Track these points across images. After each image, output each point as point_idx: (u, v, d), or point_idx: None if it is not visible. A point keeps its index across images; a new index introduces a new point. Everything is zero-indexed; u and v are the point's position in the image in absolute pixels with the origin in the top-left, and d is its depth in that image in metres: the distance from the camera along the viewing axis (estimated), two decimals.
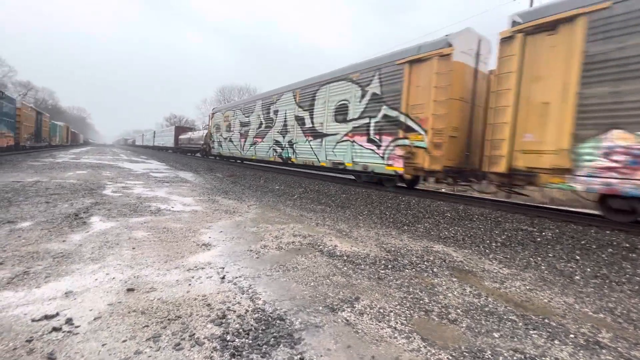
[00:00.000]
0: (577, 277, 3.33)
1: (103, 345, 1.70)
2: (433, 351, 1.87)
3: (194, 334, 1.85)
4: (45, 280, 2.44)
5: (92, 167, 12.59)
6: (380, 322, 2.16)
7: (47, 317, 1.93)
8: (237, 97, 54.59)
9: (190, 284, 2.53)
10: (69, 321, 1.90)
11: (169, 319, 1.98)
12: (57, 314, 1.97)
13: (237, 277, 2.73)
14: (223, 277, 2.71)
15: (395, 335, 2.02)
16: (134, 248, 3.30)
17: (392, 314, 2.28)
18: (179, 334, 1.83)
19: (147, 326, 1.89)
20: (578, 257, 3.85)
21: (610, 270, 3.47)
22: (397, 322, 2.17)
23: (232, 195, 7.43)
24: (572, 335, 2.15)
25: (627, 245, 4.02)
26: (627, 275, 3.34)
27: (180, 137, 32.92)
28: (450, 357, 1.82)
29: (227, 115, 17.50)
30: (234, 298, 2.34)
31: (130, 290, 2.35)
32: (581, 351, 1.97)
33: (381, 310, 2.31)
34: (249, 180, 10.89)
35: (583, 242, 4.22)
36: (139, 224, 4.30)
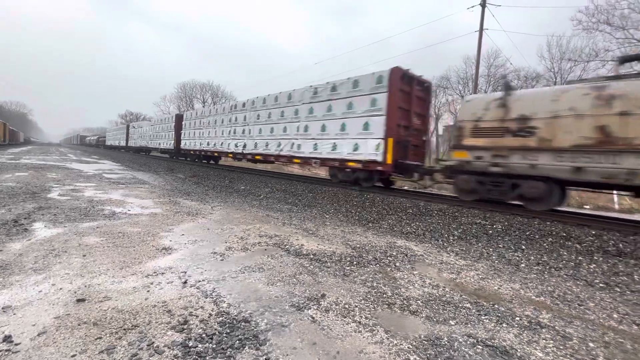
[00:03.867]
0: (523, 265, 3.65)
1: None
2: (395, 342, 1.95)
3: (153, 342, 1.76)
4: None
5: (35, 168, 11.43)
6: (345, 317, 2.21)
7: None
8: (200, 95, 51.77)
9: (149, 291, 2.41)
10: (7, 339, 1.72)
11: (125, 329, 1.87)
12: None
13: (200, 281, 2.64)
14: (185, 282, 2.61)
15: (360, 329, 2.08)
16: (84, 255, 3.06)
17: (357, 309, 2.35)
18: (136, 344, 1.74)
19: (100, 338, 1.77)
20: (524, 247, 4.22)
21: (550, 258, 3.85)
22: (361, 317, 2.23)
23: (194, 197, 7.15)
24: (517, 318, 2.36)
25: (564, 234, 4.48)
26: (564, 261, 3.73)
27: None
28: (411, 346, 1.91)
29: None
30: (197, 303, 2.27)
31: (80, 300, 2.18)
32: (525, 331, 2.17)
33: (346, 306, 2.37)
34: (212, 180, 10.54)
35: (528, 232, 4.64)
36: (91, 229, 4.00)
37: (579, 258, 3.81)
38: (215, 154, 16.57)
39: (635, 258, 3.79)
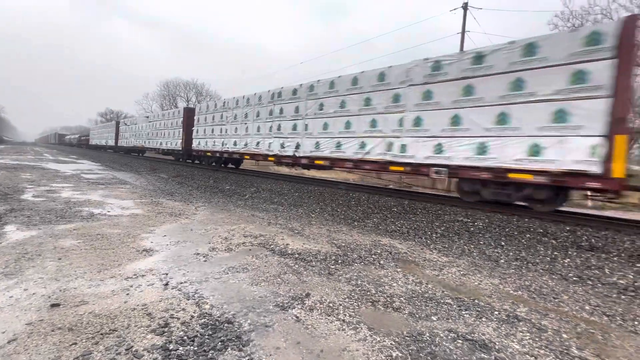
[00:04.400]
0: (502, 261, 3.76)
1: None
2: (378, 339, 1.97)
3: (132, 346, 1.72)
4: None
5: (7, 168, 10.92)
6: (329, 316, 2.22)
7: None
8: (184, 94, 50.73)
9: (128, 294, 2.34)
10: None
11: (102, 334, 1.82)
12: None
13: (182, 283, 2.59)
14: (166, 284, 2.55)
15: (344, 327, 2.09)
16: (60, 259, 2.95)
17: (341, 307, 2.36)
18: (113, 349, 1.69)
19: (75, 344, 1.71)
20: (503, 243, 4.35)
21: (528, 253, 3.99)
22: (345, 315, 2.25)
23: (177, 197, 7.01)
24: (496, 312, 2.43)
25: (541, 230, 4.64)
26: (540, 257, 3.87)
27: None
28: (394, 343, 1.94)
29: None
30: (179, 305, 2.23)
31: (54, 305, 2.10)
32: (503, 325, 2.24)
33: (331, 305, 2.38)
34: (197, 180, 10.35)
35: (507, 229, 4.78)
36: (68, 231, 3.85)
37: (555, 253, 3.96)
38: (246, 157, 12.19)
39: (606, 252, 3.97)
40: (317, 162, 9.16)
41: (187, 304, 2.25)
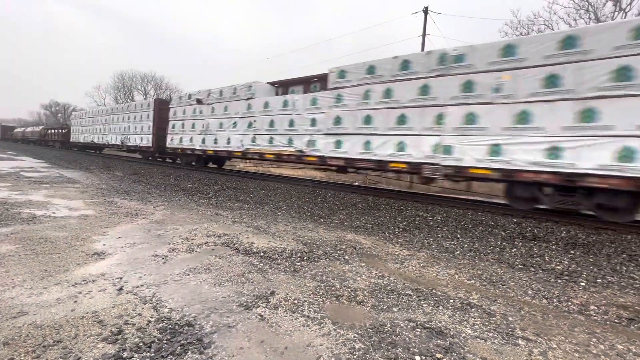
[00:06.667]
0: (458, 252, 4.01)
1: None
2: (342, 332, 2.02)
3: (80, 357, 1.60)
4: None
5: None
6: (294, 312, 2.23)
7: None
8: (141, 86, 47.71)
9: (76, 301, 2.17)
10: None
11: (44, 346, 1.67)
12: None
13: (138, 287, 2.45)
14: (120, 289, 2.40)
15: (309, 323, 2.11)
16: None
17: (306, 303, 2.37)
18: None
19: (13, 359, 1.56)
20: (459, 236, 4.63)
21: (481, 244, 4.29)
22: (310, 311, 2.26)
23: (134, 196, 6.59)
24: (451, 300, 2.59)
25: (492, 223, 5.01)
26: (491, 247, 4.18)
27: None
28: (357, 335, 1.99)
29: None
30: (134, 310, 2.10)
31: None
32: (457, 312, 2.39)
33: (296, 302, 2.38)
34: (156, 179, 9.81)
35: (463, 223, 5.10)
36: (3, 235, 3.47)
37: (504, 244, 4.30)
38: None
39: (547, 241, 4.39)
40: None
41: (144, 308, 2.13)
